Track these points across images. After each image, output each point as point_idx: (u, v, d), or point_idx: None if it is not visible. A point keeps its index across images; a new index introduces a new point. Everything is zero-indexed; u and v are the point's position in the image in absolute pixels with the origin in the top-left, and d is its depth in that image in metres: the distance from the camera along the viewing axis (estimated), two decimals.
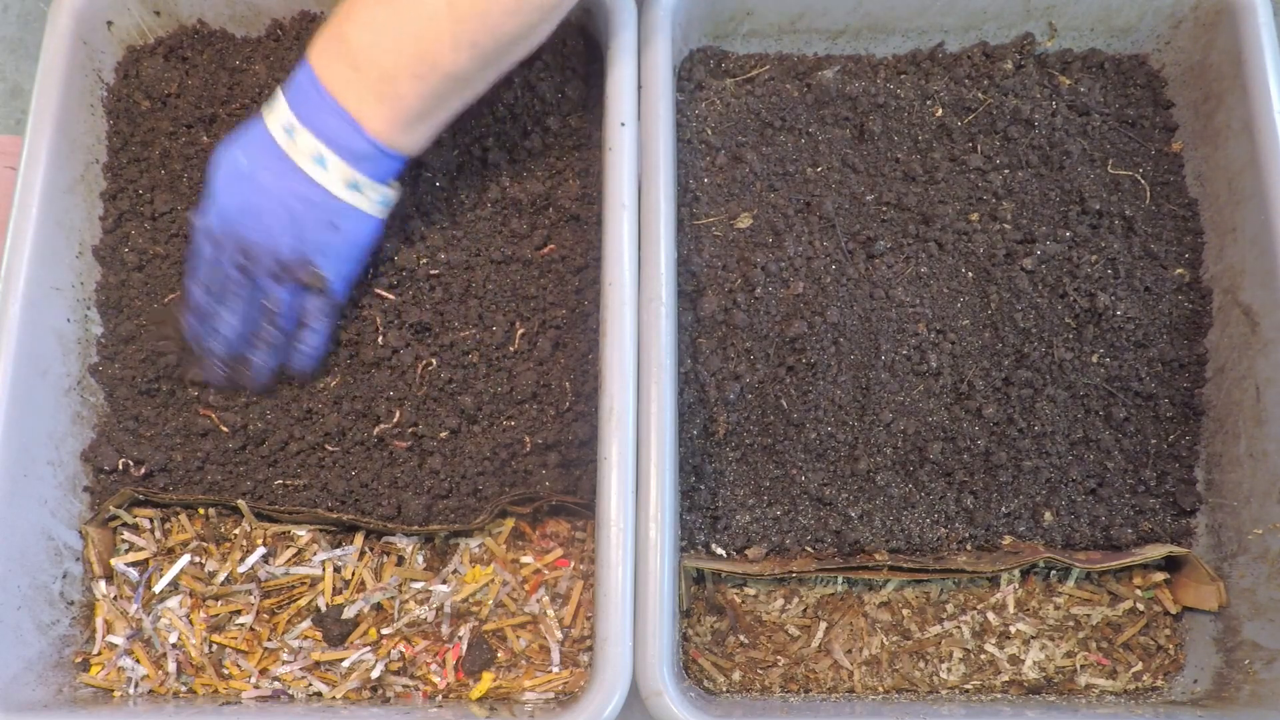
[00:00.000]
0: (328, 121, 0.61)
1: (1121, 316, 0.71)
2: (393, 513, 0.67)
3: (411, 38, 0.59)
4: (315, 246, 0.64)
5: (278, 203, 0.62)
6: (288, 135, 0.61)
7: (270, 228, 0.63)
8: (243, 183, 0.63)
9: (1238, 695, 0.65)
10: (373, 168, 0.63)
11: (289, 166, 0.62)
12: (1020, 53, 0.78)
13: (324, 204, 0.63)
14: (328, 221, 0.63)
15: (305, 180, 0.62)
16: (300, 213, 0.62)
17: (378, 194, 0.65)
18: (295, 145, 0.61)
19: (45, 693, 0.63)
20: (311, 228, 0.63)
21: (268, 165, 0.62)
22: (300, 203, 0.62)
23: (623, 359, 0.63)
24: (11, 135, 0.83)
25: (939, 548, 0.69)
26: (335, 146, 0.61)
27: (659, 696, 0.58)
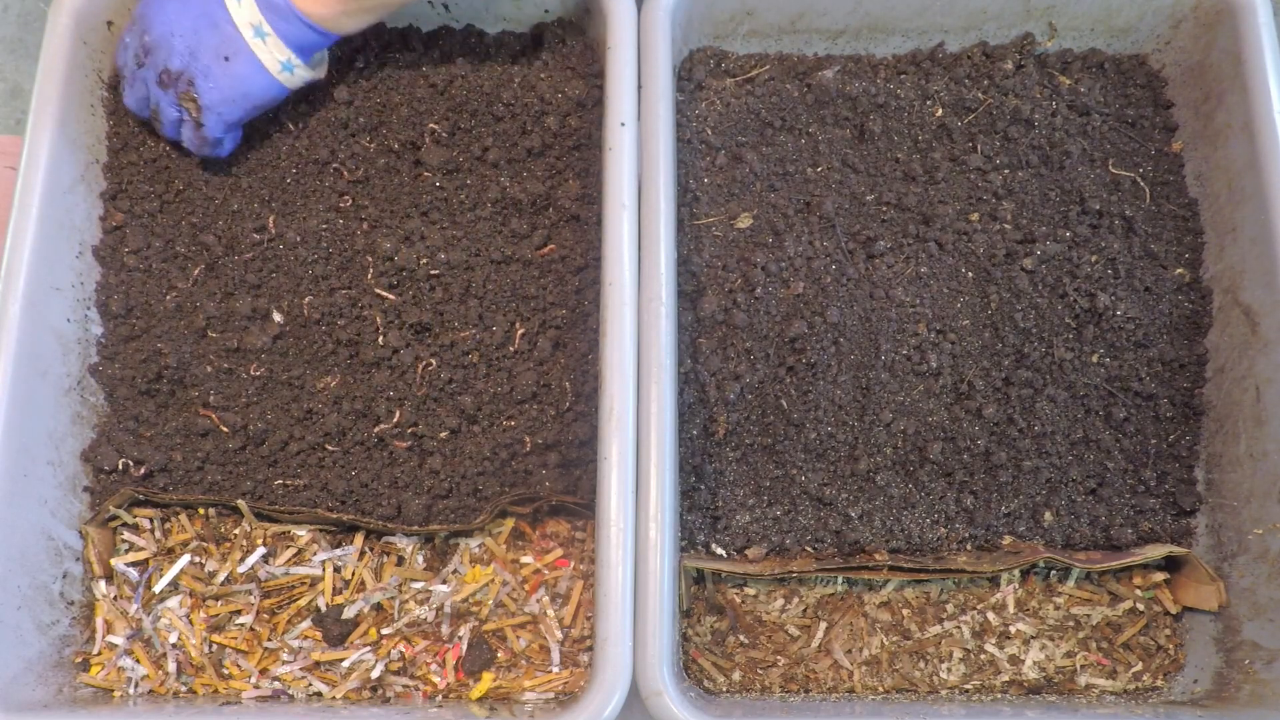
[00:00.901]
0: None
1: (1121, 316, 0.71)
2: (393, 513, 0.67)
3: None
4: (202, 70, 0.66)
5: (186, 13, 0.65)
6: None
7: (169, 34, 0.65)
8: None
9: (1238, 695, 0.65)
10: (284, 27, 0.65)
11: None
12: (1020, 53, 0.78)
13: (225, 33, 0.65)
14: (221, 53, 0.66)
15: (219, 6, 0.65)
16: (200, 31, 0.65)
17: (283, 54, 0.66)
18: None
19: (45, 692, 0.63)
20: (204, 51, 0.65)
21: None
22: (204, 21, 0.65)
23: (623, 359, 0.63)
24: (11, 135, 0.83)
25: (939, 548, 0.69)
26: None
27: (659, 696, 0.58)
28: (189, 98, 0.67)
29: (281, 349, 0.70)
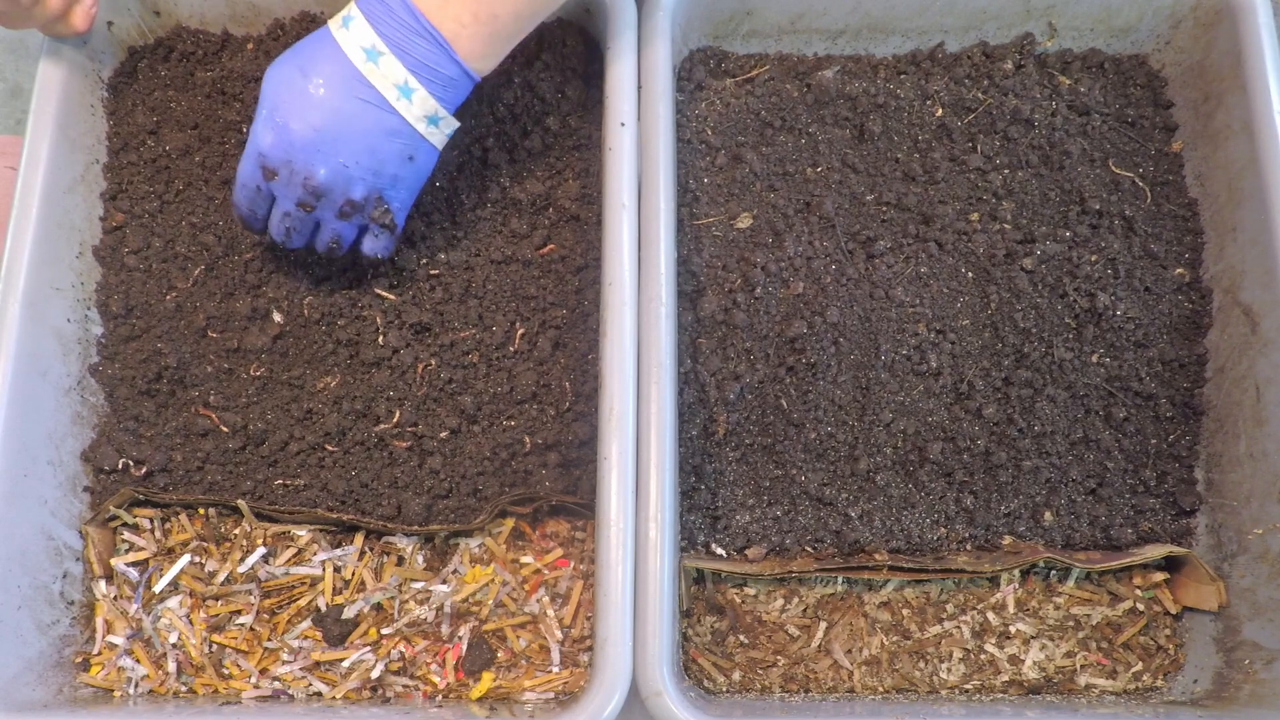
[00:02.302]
0: (418, 46, 0.56)
1: (1121, 316, 0.71)
2: (393, 513, 0.67)
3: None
4: (390, 181, 0.60)
5: (358, 136, 0.57)
6: (369, 59, 0.56)
7: (347, 163, 0.58)
8: (317, 111, 0.56)
9: (1238, 695, 0.65)
10: (453, 95, 0.59)
11: (373, 96, 0.56)
12: (1020, 53, 0.78)
13: (406, 137, 0.58)
14: (406, 155, 0.59)
15: (390, 112, 0.57)
16: (381, 147, 0.58)
17: (450, 126, 0.61)
18: (379, 71, 0.56)
19: (45, 692, 0.63)
20: (390, 162, 0.59)
21: (348, 93, 0.56)
22: (383, 136, 0.57)
23: (623, 359, 0.63)
24: (11, 135, 0.83)
25: (939, 548, 0.69)
26: (423, 76, 0.57)
27: (659, 696, 0.58)
28: (384, 215, 0.61)
29: (281, 349, 0.70)
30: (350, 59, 0.56)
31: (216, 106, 0.74)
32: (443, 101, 0.59)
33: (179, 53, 0.76)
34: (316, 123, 0.57)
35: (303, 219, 0.61)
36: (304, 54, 0.58)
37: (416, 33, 0.55)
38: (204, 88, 0.75)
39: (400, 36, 0.55)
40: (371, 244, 0.63)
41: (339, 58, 0.56)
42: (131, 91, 0.75)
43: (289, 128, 0.57)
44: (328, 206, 0.60)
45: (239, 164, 0.62)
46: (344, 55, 0.56)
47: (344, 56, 0.56)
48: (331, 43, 0.57)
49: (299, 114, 0.57)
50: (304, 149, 0.57)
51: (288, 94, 0.57)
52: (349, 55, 0.56)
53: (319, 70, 0.57)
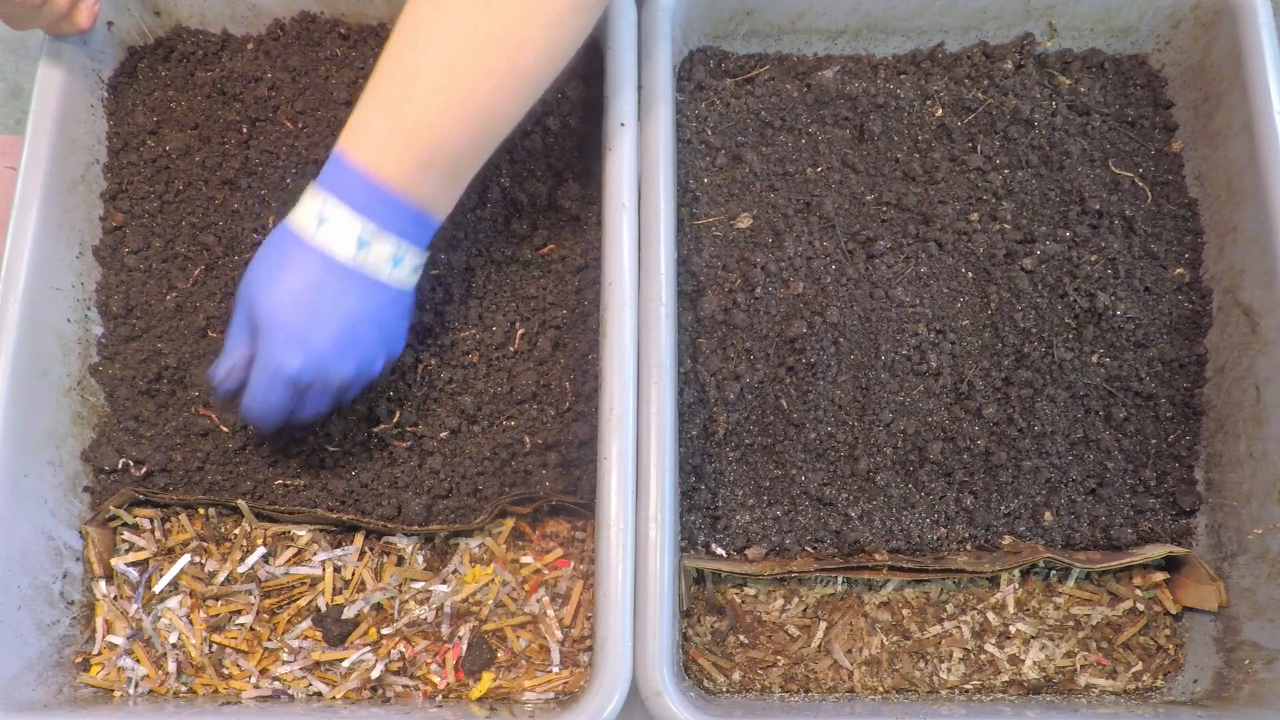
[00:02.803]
0: (404, 224, 0.57)
1: (1121, 316, 0.71)
2: (393, 513, 0.67)
3: (475, 116, 0.55)
4: (398, 339, 0.62)
5: (367, 322, 0.57)
6: (360, 248, 0.56)
7: (366, 351, 0.59)
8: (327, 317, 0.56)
9: (1238, 695, 0.65)
10: (427, 243, 0.61)
11: (366, 281, 0.57)
12: (1020, 53, 0.78)
13: (404, 299, 0.60)
14: (405, 311, 0.61)
15: (385, 287, 0.58)
16: (387, 319, 0.59)
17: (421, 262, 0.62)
18: (370, 255, 0.56)
19: (45, 692, 0.63)
20: (395, 326, 0.61)
21: (347, 288, 0.56)
22: (388, 308, 0.59)
23: (623, 359, 0.63)
24: (11, 135, 0.83)
25: (939, 548, 0.69)
26: (411, 243, 0.58)
27: (659, 697, 0.58)
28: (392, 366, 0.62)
29: None
30: (338, 255, 0.56)
31: (216, 106, 0.74)
32: (422, 258, 0.61)
33: (179, 53, 0.76)
34: (334, 329, 0.57)
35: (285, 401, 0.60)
36: (289, 264, 0.57)
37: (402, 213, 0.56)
38: (204, 88, 0.75)
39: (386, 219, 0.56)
40: None
41: (326, 259, 0.56)
42: (131, 91, 0.75)
43: (311, 344, 0.56)
44: (355, 389, 0.62)
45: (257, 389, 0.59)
46: (329, 255, 0.56)
47: (330, 256, 0.56)
48: (310, 247, 0.56)
49: (318, 327, 0.56)
50: (331, 357, 0.57)
51: (297, 311, 0.56)
52: (337, 252, 0.56)
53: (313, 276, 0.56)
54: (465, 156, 0.57)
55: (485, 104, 0.55)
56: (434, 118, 0.54)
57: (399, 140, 0.55)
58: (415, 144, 0.55)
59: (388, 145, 0.55)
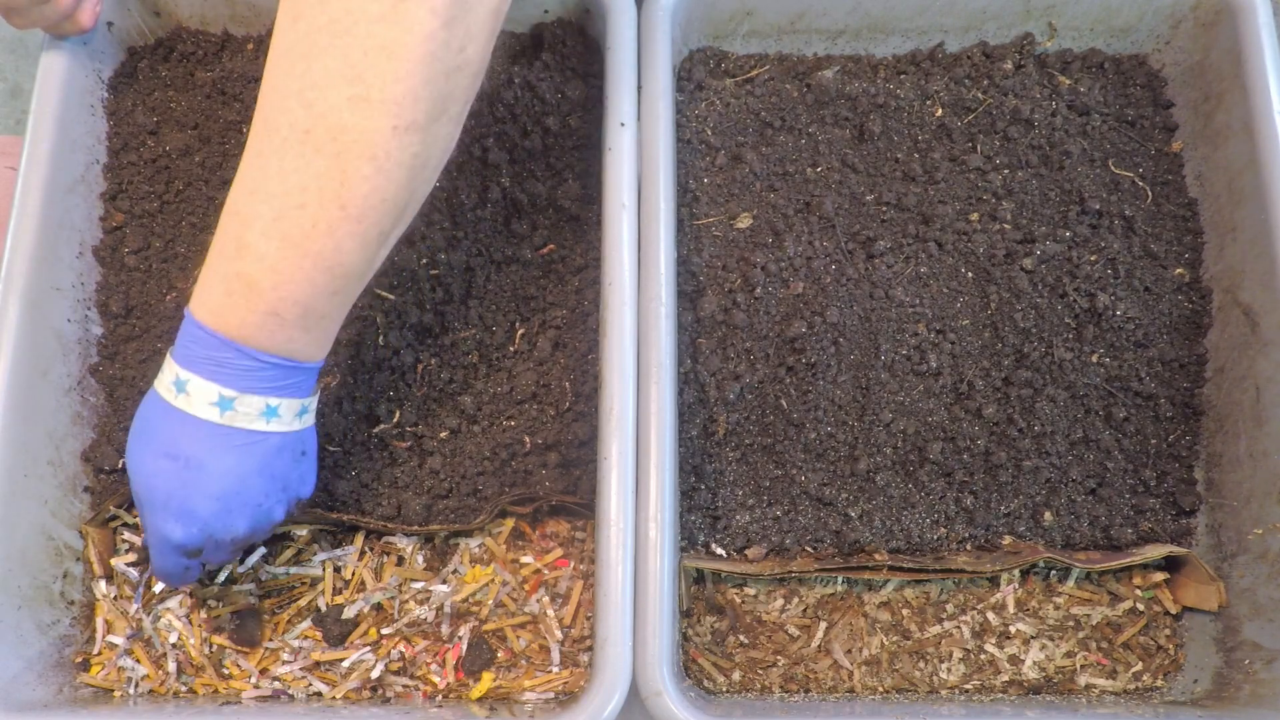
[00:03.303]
0: (265, 376, 0.54)
1: (1121, 316, 0.71)
2: (393, 513, 0.67)
3: (317, 260, 0.51)
4: (296, 482, 0.60)
5: (252, 476, 0.56)
6: (223, 409, 0.54)
7: (259, 503, 0.57)
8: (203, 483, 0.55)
9: (1238, 695, 0.65)
10: (310, 387, 0.59)
11: (241, 436, 0.55)
12: (1020, 53, 0.78)
13: (291, 443, 0.58)
14: (298, 453, 0.59)
15: (263, 437, 0.56)
16: (275, 467, 0.57)
17: (315, 402, 0.60)
18: (238, 413, 0.54)
19: (45, 692, 0.63)
20: (288, 471, 0.59)
21: (219, 448, 0.55)
22: (273, 457, 0.57)
23: (623, 359, 0.63)
24: (11, 135, 0.83)
25: (939, 548, 0.69)
26: (282, 392, 0.56)
27: (659, 696, 0.58)
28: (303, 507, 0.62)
29: None
30: (203, 418, 0.54)
31: (216, 106, 0.74)
32: (305, 394, 0.58)
33: (179, 53, 0.76)
34: (214, 492, 0.55)
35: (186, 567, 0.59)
36: (155, 435, 0.55)
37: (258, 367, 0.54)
38: (204, 88, 0.75)
39: (242, 375, 0.54)
40: None
41: (192, 423, 0.54)
42: (131, 91, 0.75)
43: (193, 513, 0.55)
44: (259, 537, 0.60)
45: (153, 560, 0.58)
46: (195, 419, 0.54)
47: (196, 420, 0.54)
48: (175, 412, 0.54)
49: (196, 494, 0.55)
50: (217, 520, 0.56)
51: (171, 482, 0.55)
52: (201, 416, 0.54)
53: (181, 445, 0.54)
54: (318, 303, 0.53)
55: (323, 250, 0.51)
56: (271, 268, 0.51)
57: (239, 296, 0.52)
58: (256, 297, 0.52)
59: (229, 302, 0.52)
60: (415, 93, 0.49)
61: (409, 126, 0.50)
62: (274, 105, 0.50)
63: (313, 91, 0.49)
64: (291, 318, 0.53)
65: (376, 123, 0.49)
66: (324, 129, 0.49)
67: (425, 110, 0.50)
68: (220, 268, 0.53)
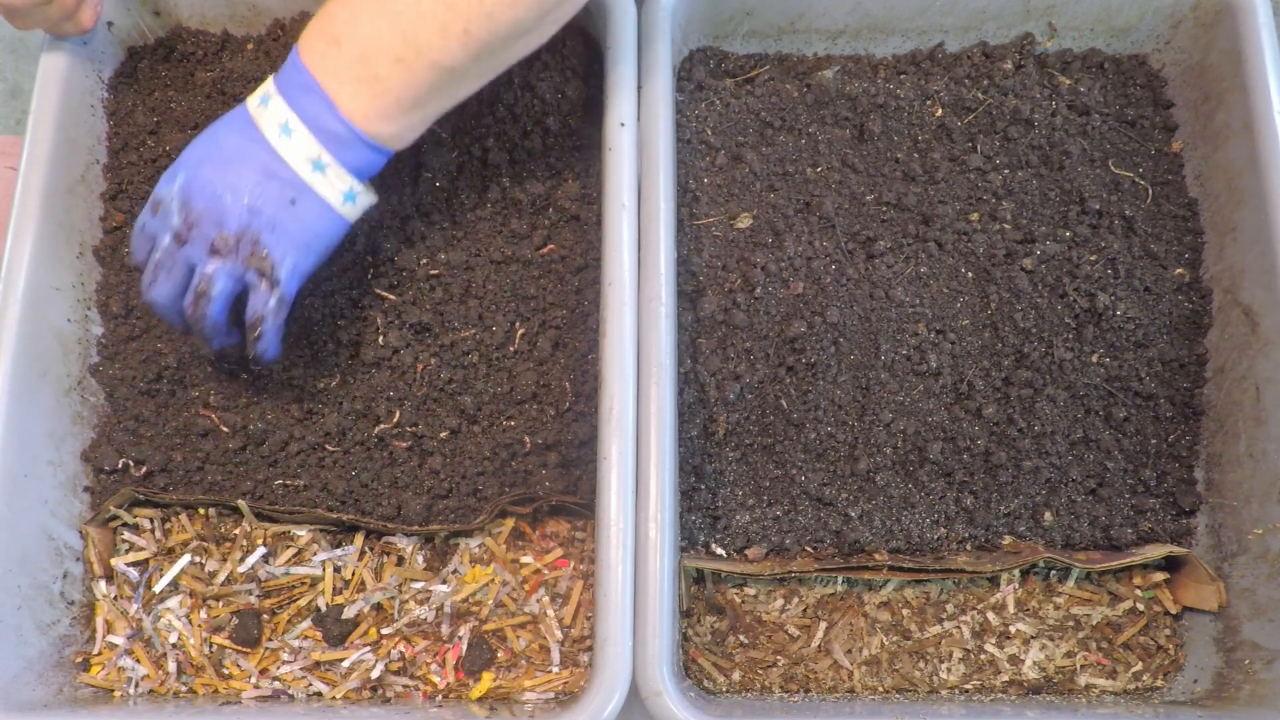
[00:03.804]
0: (300, 93, 0.58)
1: (1121, 316, 0.71)
2: (393, 513, 0.67)
3: (395, 18, 0.55)
4: (267, 222, 0.58)
5: (234, 167, 0.58)
6: (261, 104, 0.59)
7: (220, 193, 0.58)
8: (205, 148, 0.59)
9: (1238, 695, 0.65)
10: (345, 153, 0.59)
11: (254, 132, 0.58)
12: (1020, 53, 0.78)
13: (284, 176, 0.58)
14: (286, 197, 0.58)
15: (267, 148, 0.58)
16: (256, 182, 0.58)
17: (344, 183, 0.60)
18: (266, 112, 0.58)
19: (45, 692, 0.63)
20: (266, 201, 0.58)
21: (234, 131, 0.59)
22: (259, 171, 0.58)
23: (623, 359, 0.63)
24: (11, 135, 0.83)
25: (939, 548, 0.69)
26: (304, 117, 0.58)
27: (659, 696, 0.58)
28: (258, 257, 0.59)
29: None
30: (247, 107, 0.60)
31: (216, 106, 0.74)
32: (331, 151, 0.59)
33: (179, 53, 0.76)
34: (203, 158, 0.59)
35: (174, 254, 0.59)
36: (225, 115, 0.61)
37: (300, 84, 0.58)
38: (204, 88, 0.75)
39: (287, 86, 0.58)
40: (252, 301, 0.60)
41: (239, 111, 0.60)
42: (131, 91, 0.75)
43: (180, 166, 0.60)
44: (200, 241, 0.59)
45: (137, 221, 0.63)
46: (244, 107, 0.60)
47: (243, 109, 0.60)
48: (241, 105, 0.61)
49: (193, 154, 0.60)
50: (187, 182, 0.59)
51: (195, 144, 0.61)
52: (247, 105, 0.60)
53: (224, 121, 0.61)
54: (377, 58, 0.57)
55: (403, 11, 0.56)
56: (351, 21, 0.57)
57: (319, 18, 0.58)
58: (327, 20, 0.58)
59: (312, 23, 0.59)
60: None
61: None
62: None
63: None
64: (348, 55, 0.57)
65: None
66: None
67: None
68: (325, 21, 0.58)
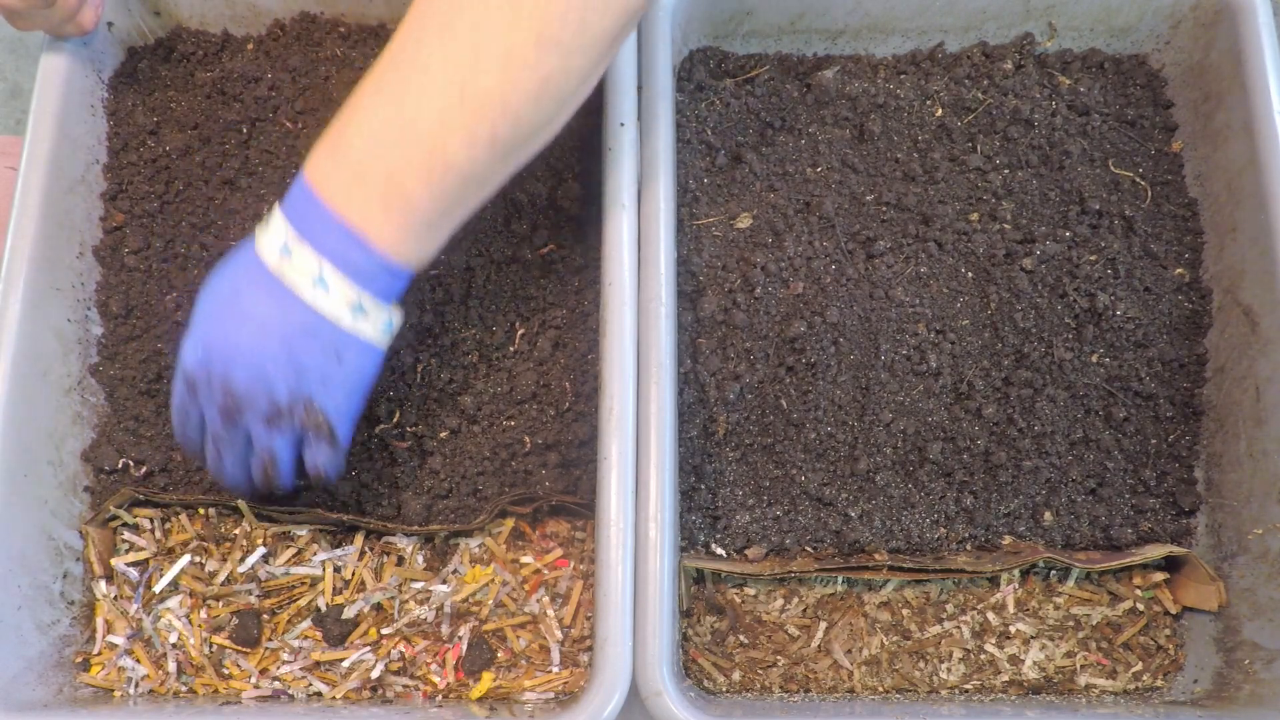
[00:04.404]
0: (328, 236, 0.52)
1: (1121, 316, 0.71)
2: (393, 513, 0.67)
3: (421, 134, 0.51)
4: (317, 380, 0.55)
5: (272, 334, 0.53)
6: (283, 255, 0.53)
7: (263, 365, 0.54)
8: (228, 312, 0.54)
9: (1238, 695, 0.65)
10: (379, 287, 0.55)
11: (283, 291, 0.53)
12: (1020, 53, 0.78)
13: (326, 333, 0.54)
14: (331, 352, 0.55)
15: (303, 307, 0.53)
16: (299, 345, 0.54)
17: (383, 318, 0.57)
18: (292, 264, 0.53)
19: (45, 692, 0.63)
20: (312, 361, 0.54)
21: (258, 290, 0.53)
22: (299, 333, 0.53)
23: (623, 359, 0.63)
24: (11, 135, 0.83)
25: (939, 548, 0.69)
26: (339, 263, 0.53)
27: (659, 696, 0.58)
28: (314, 418, 0.56)
29: None
30: (264, 259, 0.54)
31: (216, 106, 0.74)
32: (370, 290, 0.55)
33: (179, 53, 0.76)
34: (232, 327, 0.54)
35: (230, 432, 0.56)
36: (229, 260, 0.56)
37: (324, 223, 0.53)
38: (204, 88, 0.75)
39: (310, 228, 0.53)
40: (312, 454, 0.57)
41: (253, 258, 0.55)
42: (131, 91, 0.75)
43: (208, 338, 0.55)
44: (254, 417, 0.55)
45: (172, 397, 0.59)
46: (257, 255, 0.54)
47: (257, 257, 0.54)
48: (251, 245, 0.55)
49: (218, 322, 0.55)
50: (221, 355, 0.54)
51: (211, 305, 0.56)
52: (263, 254, 0.54)
53: (236, 273, 0.55)
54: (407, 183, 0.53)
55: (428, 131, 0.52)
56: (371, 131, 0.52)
57: (334, 148, 0.53)
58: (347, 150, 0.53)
59: (323, 152, 0.54)
60: (565, 13, 0.50)
61: (552, 41, 0.50)
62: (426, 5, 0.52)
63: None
64: (374, 186, 0.52)
65: (520, 30, 0.50)
66: (467, 21, 0.50)
67: (572, 32, 0.50)
68: (334, 125, 0.53)
